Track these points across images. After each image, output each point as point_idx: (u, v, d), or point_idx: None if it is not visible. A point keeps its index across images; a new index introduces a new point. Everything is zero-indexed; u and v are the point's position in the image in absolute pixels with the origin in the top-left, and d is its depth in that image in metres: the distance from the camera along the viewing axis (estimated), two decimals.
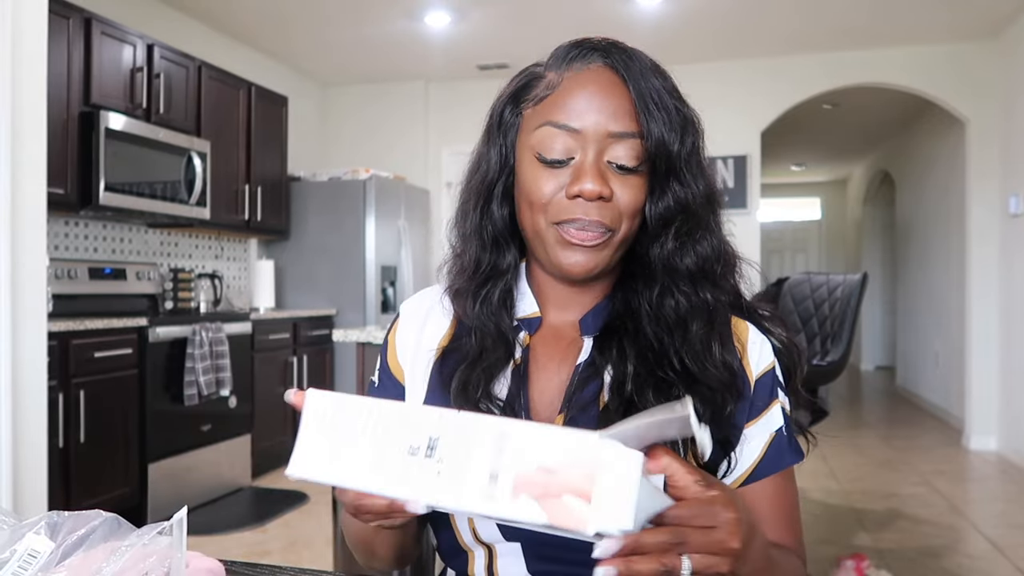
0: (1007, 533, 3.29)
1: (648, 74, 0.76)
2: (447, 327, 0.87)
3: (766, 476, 0.78)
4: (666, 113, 0.75)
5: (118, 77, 3.51)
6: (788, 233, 10.59)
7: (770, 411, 0.80)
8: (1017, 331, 4.58)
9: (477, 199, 0.84)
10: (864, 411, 6.66)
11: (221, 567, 0.66)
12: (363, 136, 5.85)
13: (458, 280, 0.86)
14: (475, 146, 0.87)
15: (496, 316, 0.82)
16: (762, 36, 4.83)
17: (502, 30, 4.69)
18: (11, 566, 0.58)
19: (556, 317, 0.85)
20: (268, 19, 4.55)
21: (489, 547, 0.80)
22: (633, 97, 0.75)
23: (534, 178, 0.77)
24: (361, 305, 4.89)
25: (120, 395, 3.25)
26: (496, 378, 0.81)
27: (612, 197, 0.75)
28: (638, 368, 0.76)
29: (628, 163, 0.75)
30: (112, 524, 0.60)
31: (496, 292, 0.83)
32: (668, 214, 0.77)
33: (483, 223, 0.84)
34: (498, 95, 0.84)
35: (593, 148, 0.75)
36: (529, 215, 0.78)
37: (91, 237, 3.80)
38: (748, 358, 0.80)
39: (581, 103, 0.75)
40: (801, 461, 0.81)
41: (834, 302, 3.08)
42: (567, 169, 0.76)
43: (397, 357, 0.89)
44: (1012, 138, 4.63)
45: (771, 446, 0.79)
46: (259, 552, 3.05)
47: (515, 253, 0.85)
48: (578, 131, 0.75)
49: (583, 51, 0.79)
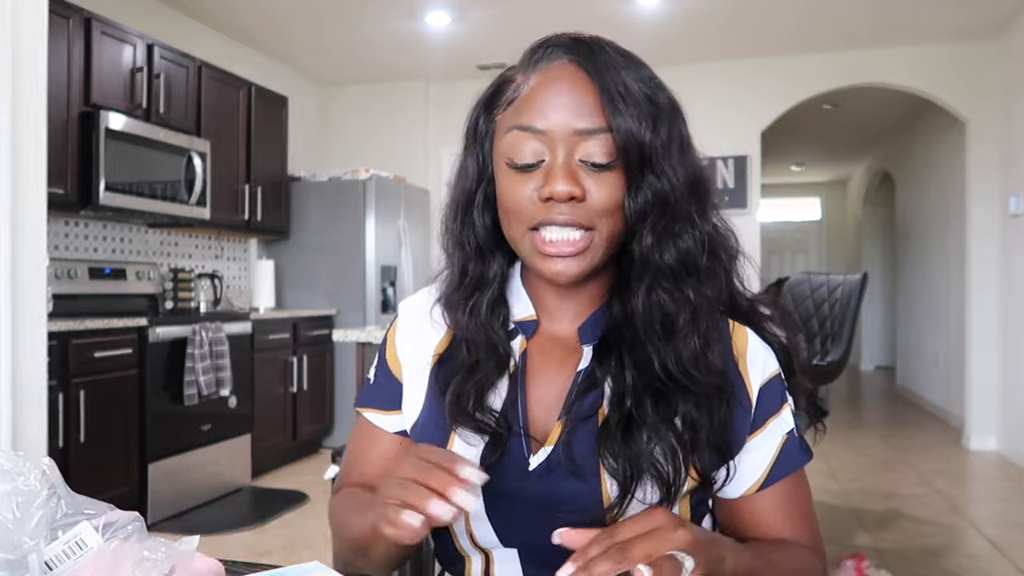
0: (1007, 533, 3.29)
1: (615, 67, 0.74)
2: (443, 334, 0.86)
3: (781, 479, 0.79)
4: (635, 105, 0.72)
5: (118, 77, 3.51)
6: (788, 233, 10.59)
7: (780, 416, 0.80)
8: (1017, 331, 4.58)
9: (459, 209, 0.83)
10: (864, 411, 6.66)
11: (221, 567, 0.66)
12: (363, 136, 5.85)
13: (447, 290, 0.85)
14: (456, 157, 0.86)
15: (486, 327, 0.81)
16: (762, 36, 4.83)
17: (502, 30, 4.69)
18: (56, 547, 0.58)
19: (553, 321, 0.83)
20: (268, 19, 4.55)
21: (486, 552, 0.79)
22: (598, 91, 0.73)
23: (508, 185, 0.76)
24: (361, 305, 4.89)
25: (120, 395, 3.25)
26: (490, 389, 0.79)
27: (585, 196, 0.72)
28: (636, 381, 0.75)
29: (600, 160, 0.72)
30: (139, 527, 0.61)
31: (484, 302, 0.81)
32: (646, 208, 0.74)
33: (465, 233, 0.82)
34: (473, 103, 0.83)
35: (562, 148, 0.73)
36: (508, 223, 0.77)
37: (91, 237, 3.80)
38: (747, 367, 0.79)
39: (545, 103, 0.73)
40: (810, 460, 0.82)
41: (834, 302, 3.08)
42: (539, 172, 0.74)
43: (397, 354, 0.88)
44: (1012, 138, 4.63)
45: (783, 449, 0.79)
46: (259, 552, 3.05)
47: (501, 261, 0.83)
48: (544, 132, 0.73)
49: (548, 49, 0.77)
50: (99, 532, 0.59)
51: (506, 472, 0.75)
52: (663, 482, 0.72)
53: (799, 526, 0.80)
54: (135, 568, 0.56)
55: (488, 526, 0.77)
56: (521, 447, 0.77)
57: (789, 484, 0.80)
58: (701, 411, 0.74)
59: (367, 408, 0.89)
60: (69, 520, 0.60)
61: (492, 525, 0.77)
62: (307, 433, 4.66)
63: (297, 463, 4.58)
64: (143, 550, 0.57)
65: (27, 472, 0.59)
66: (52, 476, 0.60)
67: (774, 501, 0.79)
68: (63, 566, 0.58)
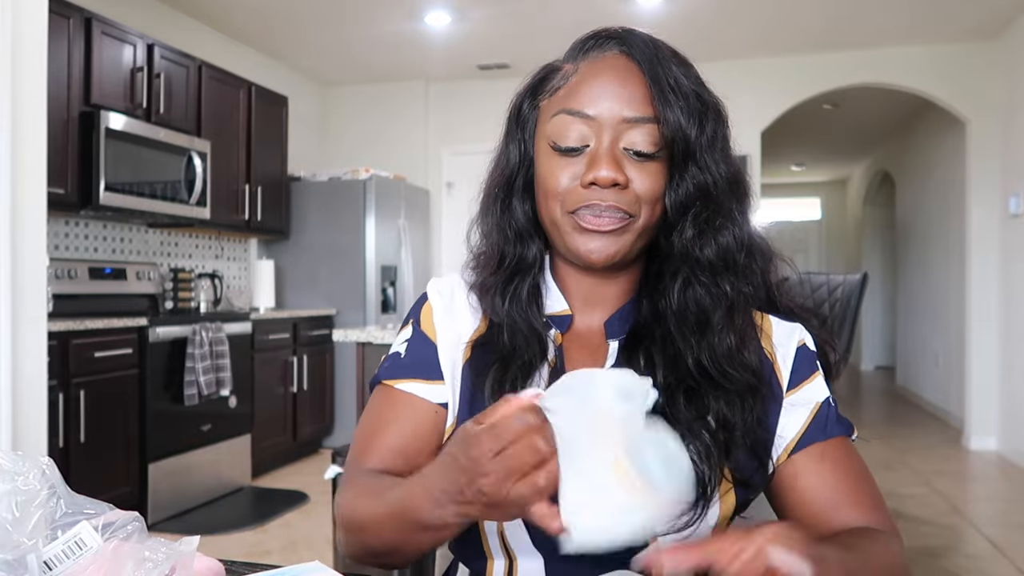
0: (1007, 533, 3.29)
1: (666, 61, 0.75)
2: (479, 321, 0.84)
3: (813, 443, 0.76)
4: (684, 99, 0.74)
5: (118, 77, 3.51)
6: (788, 233, 10.59)
7: (812, 382, 0.79)
8: (1017, 331, 4.57)
9: (498, 194, 0.83)
10: (864, 411, 6.66)
11: (221, 567, 0.66)
12: (363, 136, 5.85)
13: (483, 275, 0.84)
14: (496, 144, 0.85)
15: (527, 312, 0.80)
16: (762, 36, 4.83)
17: (502, 30, 4.69)
18: (55, 547, 0.58)
19: (584, 316, 0.83)
20: (268, 19, 4.55)
21: (511, 556, 0.77)
22: (649, 83, 0.74)
23: (550, 168, 0.76)
24: (361, 305, 4.89)
25: (120, 395, 3.25)
26: (531, 377, 0.78)
27: (628, 184, 0.73)
28: (668, 377, 0.74)
29: (645, 149, 0.73)
30: (139, 527, 0.61)
31: (524, 287, 0.81)
32: (687, 201, 0.75)
33: (504, 218, 0.82)
34: (517, 90, 0.83)
35: (608, 135, 0.73)
36: (546, 205, 0.77)
37: (91, 237, 3.80)
38: (774, 347, 0.79)
39: (595, 90, 0.74)
40: (852, 436, 0.79)
41: (834, 302, 3.08)
42: (582, 157, 0.74)
43: (433, 324, 0.84)
44: (1012, 138, 4.63)
45: (817, 415, 0.77)
46: (259, 552, 3.05)
47: (540, 245, 0.83)
48: (592, 118, 0.74)
49: (599, 40, 0.78)
50: (98, 532, 0.59)
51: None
52: (698, 481, 0.70)
53: (853, 504, 0.74)
54: (135, 568, 0.56)
55: (523, 529, 0.75)
56: None
57: (827, 454, 0.76)
58: (734, 409, 0.73)
59: (403, 379, 0.82)
60: (68, 520, 0.60)
61: (526, 527, 0.75)
62: (307, 433, 4.66)
63: (297, 463, 4.58)
64: (143, 550, 0.57)
65: (26, 472, 0.59)
66: (51, 476, 0.60)
67: (809, 472, 0.75)
68: (62, 566, 0.58)
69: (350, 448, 0.84)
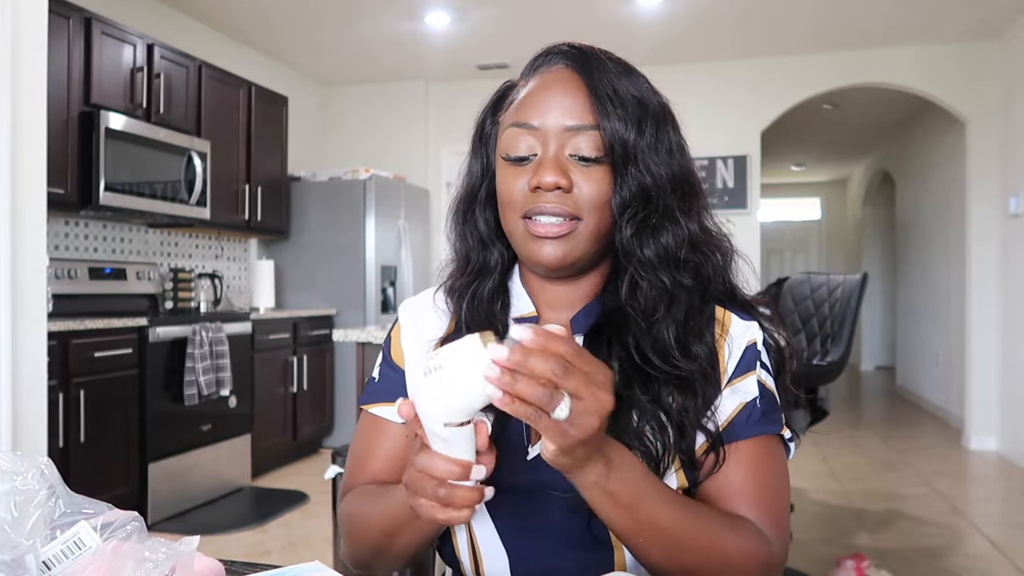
0: (1007, 533, 3.29)
1: (607, 72, 0.80)
2: (447, 322, 0.90)
3: (732, 441, 0.78)
4: (622, 107, 0.78)
5: (118, 77, 3.51)
6: (788, 233, 10.59)
7: (746, 379, 0.80)
8: (1017, 331, 4.57)
9: (463, 206, 0.89)
10: (864, 411, 6.66)
11: (221, 567, 0.66)
12: (363, 136, 5.85)
13: (452, 279, 0.91)
14: (464, 159, 0.92)
15: (487, 311, 0.86)
16: (762, 36, 4.83)
17: (502, 30, 4.69)
18: (54, 547, 0.58)
19: (551, 317, 0.87)
20: (268, 19, 4.55)
21: (470, 529, 0.82)
22: (589, 93, 0.78)
23: (504, 178, 0.81)
24: (361, 305, 4.89)
25: (120, 395, 3.25)
26: None
27: (572, 187, 0.77)
28: (624, 365, 0.78)
29: (588, 153, 0.78)
30: (138, 527, 0.61)
31: (486, 289, 0.87)
32: (628, 202, 0.79)
33: (467, 228, 0.89)
34: (480, 108, 0.90)
35: (554, 143, 0.78)
36: (504, 215, 0.82)
37: (91, 237, 3.80)
38: (731, 337, 0.81)
39: (541, 103, 0.79)
40: (775, 433, 0.80)
41: (834, 302, 3.08)
42: (531, 165, 0.79)
43: (401, 347, 0.92)
44: (1012, 138, 4.63)
45: (740, 413, 0.79)
46: (259, 552, 3.05)
47: (502, 250, 0.88)
48: (537, 128, 0.79)
49: (548, 56, 0.84)
50: (97, 532, 0.59)
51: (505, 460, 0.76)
52: (650, 457, 0.75)
53: (752, 503, 0.77)
54: (135, 568, 0.56)
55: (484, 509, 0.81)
56: (520, 436, 0.81)
57: (745, 453, 0.78)
58: (686, 395, 0.77)
59: (373, 404, 0.91)
60: (67, 520, 0.60)
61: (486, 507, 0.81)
62: (307, 433, 4.66)
63: (297, 463, 4.58)
64: (143, 550, 0.57)
65: (25, 471, 0.59)
66: (50, 475, 0.60)
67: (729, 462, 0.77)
68: (61, 566, 0.58)
69: (345, 470, 0.93)
